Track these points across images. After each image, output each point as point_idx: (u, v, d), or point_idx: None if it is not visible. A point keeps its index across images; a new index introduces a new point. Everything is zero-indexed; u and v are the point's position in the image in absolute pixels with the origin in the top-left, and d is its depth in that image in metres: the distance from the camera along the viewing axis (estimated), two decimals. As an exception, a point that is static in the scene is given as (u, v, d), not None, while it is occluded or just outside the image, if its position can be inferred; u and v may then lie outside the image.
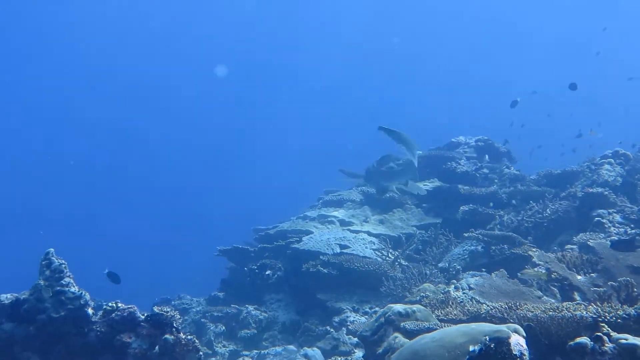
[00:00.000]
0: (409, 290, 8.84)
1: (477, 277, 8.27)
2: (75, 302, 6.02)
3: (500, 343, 4.51)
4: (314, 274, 10.12)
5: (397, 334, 6.37)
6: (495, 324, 5.00)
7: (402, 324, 6.38)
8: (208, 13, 56.05)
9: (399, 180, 10.49)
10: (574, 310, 5.34)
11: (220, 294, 11.43)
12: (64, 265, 6.16)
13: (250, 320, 10.10)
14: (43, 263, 6.17)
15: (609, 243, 7.96)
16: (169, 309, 6.39)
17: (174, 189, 47.55)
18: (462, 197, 11.83)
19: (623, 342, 4.46)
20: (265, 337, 9.87)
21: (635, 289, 6.23)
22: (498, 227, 10.66)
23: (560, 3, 51.93)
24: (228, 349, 9.74)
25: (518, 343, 4.59)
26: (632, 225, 8.89)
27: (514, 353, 4.49)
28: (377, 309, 8.76)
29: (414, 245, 10.88)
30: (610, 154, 11.61)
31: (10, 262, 25.53)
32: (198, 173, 49.94)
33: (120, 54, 54.65)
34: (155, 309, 6.29)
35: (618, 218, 9.28)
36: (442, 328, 5.63)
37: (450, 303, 7.40)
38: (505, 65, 54.18)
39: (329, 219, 12.39)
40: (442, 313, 7.00)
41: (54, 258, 6.19)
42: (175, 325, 6.18)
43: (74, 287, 6.13)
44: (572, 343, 4.76)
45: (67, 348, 5.96)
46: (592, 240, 8.16)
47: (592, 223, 9.31)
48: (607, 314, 5.20)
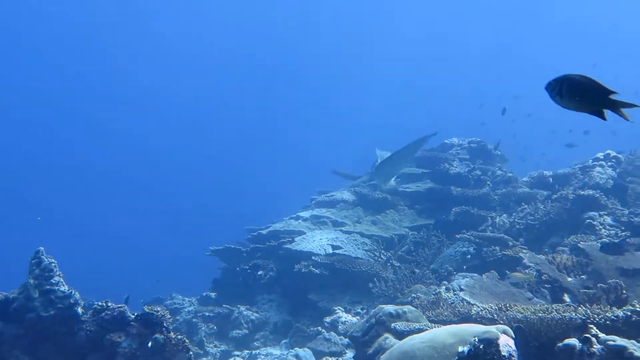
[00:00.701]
0: (401, 291, 8.86)
1: (467, 278, 8.28)
2: (65, 301, 6.03)
3: (489, 344, 4.52)
4: (306, 275, 10.13)
5: (387, 335, 6.39)
6: (486, 325, 5.02)
7: (392, 325, 6.39)
8: (204, 15, 55.96)
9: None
10: (564, 312, 5.36)
11: (212, 294, 11.42)
12: (54, 264, 6.15)
13: (242, 321, 10.10)
14: (33, 262, 6.17)
15: (598, 245, 7.99)
16: (159, 309, 6.39)
17: (166, 189, 47.47)
18: (454, 198, 11.85)
19: (611, 343, 4.47)
20: (257, 337, 9.87)
21: (625, 291, 6.26)
22: (490, 228, 10.67)
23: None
24: (219, 349, 9.73)
25: (507, 344, 4.60)
26: (622, 228, 8.90)
27: (503, 354, 4.51)
28: (369, 310, 8.77)
29: (406, 247, 10.89)
30: (602, 157, 11.64)
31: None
32: (190, 173, 49.89)
33: (119, 55, 54.54)
34: (146, 309, 6.29)
35: (609, 220, 9.31)
36: (432, 329, 5.64)
37: (441, 304, 7.42)
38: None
39: (322, 220, 12.39)
40: (433, 314, 7.03)
41: (44, 257, 6.19)
42: (166, 325, 6.19)
43: (64, 286, 6.13)
44: (560, 344, 4.78)
45: (56, 347, 5.96)
46: (582, 243, 8.18)
47: (583, 225, 9.33)
48: (596, 316, 5.22)
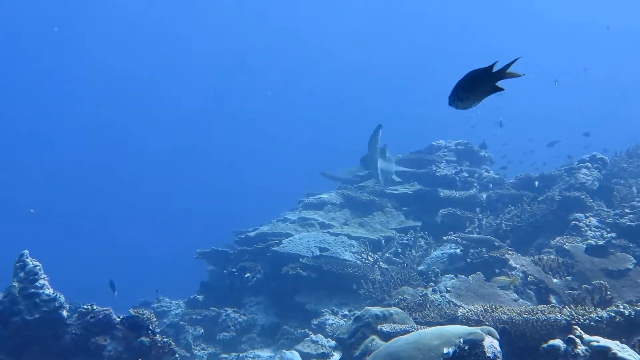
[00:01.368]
0: (388, 293, 8.87)
1: (454, 280, 8.31)
2: (50, 304, 6.00)
3: (474, 345, 4.54)
4: (294, 277, 10.13)
5: (374, 337, 6.39)
6: (471, 327, 5.03)
7: (379, 327, 6.40)
8: (192, 15, 55.83)
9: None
10: (549, 313, 5.38)
11: (200, 297, 11.40)
12: (39, 267, 6.12)
13: (229, 323, 10.08)
14: (17, 265, 6.14)
15: (584, 246, 8.03)
16: (145, 312, 6.36)
17: (154, 191, 47.28)
18: (441, 200, 11.88)
19: (595, 344, 4.49)
20: (244, 339, 9.85)
21: (609, 292, 6.29)
22: (477, 230, 10.72)
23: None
24: (207, 352, 9.71)
25: (492, 345, 4.62)
26: (608, 229, 8.95)
27: (488, 355, 4.52)
28: (356, 312, 8.77)
29: (394, 249, 10.90)
30: (588, 158, 11.71)
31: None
32: (178, 175, 49.72)
33: (110, 54, 54.27)
34: (131, 312, 6.26)
35: (594, 222, 9.36)
36: (418, 330, 5.65)
37: (428, 306, 7.43)
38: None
39: (309, 222, 12.39)
40: (419, 315, 7.04)
41: (29, 260, 6.15)
42: (151, 328, 6.17)
43: (49, 289, 6.09)
44: (545, 345, 4.79)
45: (41, 350, 5.93)
46: (568, 244, 8.22)
47: (569, 226, 9.37)
48: (580, 317, 5.25)
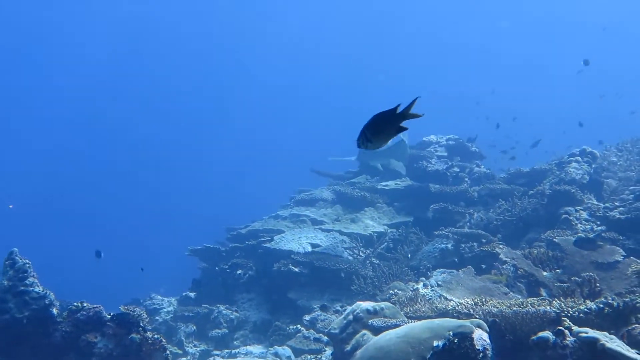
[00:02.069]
0: (380, 289, 8.89)
1: (445, 274, 8.33)
2: (40, 302, 5.98)
3: (464, 338, 4.56)
4: (285, 273, 10.14)
5: (365, 331, 6.40)
6: (461, 320, 5.05)
7: (370, 321, 6.41)
8: (192, 14, 55.63)
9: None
10: (538, 306, 5.41)
11: (192, 294, 11.38)
12: (28, 265, 6.11)
13: (222, 320, 10.07)
14: (7, 263, 6.12)
15: (574, 239, 8.07)
16: (136, 308, 6.36)
17: (146, 188, 47.13)
18: (433, 195, 11.89)
19: (583, 335, 4.53)
20: (237, 336, 9.85)
21: (598, 284, 6.33)
22: (468, 225, 10.74)
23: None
24: (199, 349, 9.70)
25: (481, 338, 4.65)
26: (598, 222, 8.98)
27: (477, 348, 4.55)
28: (347, 307, 8.79)
29: (385, 244, 10.93)
30: (578, 152, 11.75)
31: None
32: (170, 172, 49.55)
33: (105, 49, 53.95)
34: (122, 308, 6.26)
35: (585, 215, 9.39)
36: (408, 324, 5.67)
37: (419, 300, 7.45)
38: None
39: (301, 218, 12.40)
40: (410, 310, 7.05)
41: (18, 257, 6.14)
42: (142, 325, 6.17)
43: (38, 286, 6.08)
44: (534, 337, 4.83)
45: (31, 348, 5.91)
46: (558, 237, 8.25)
47: (559, 220, 9.40)
48: (569, 309, 5.27)
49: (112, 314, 6.23)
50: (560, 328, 4.74)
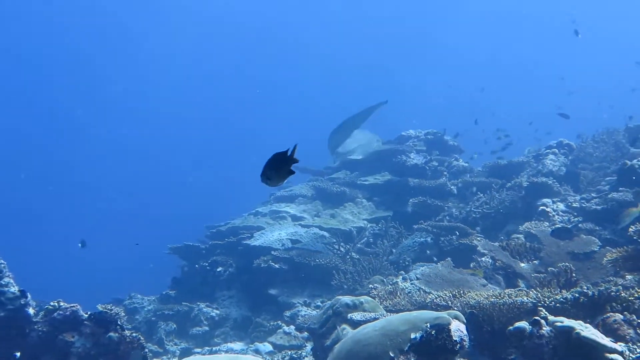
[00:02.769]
0: (360, 283, 8.92)
1: (424, 267, 8.36)
2: (16, 302, 5.92)
3: (441, 330, 4.58)
4: (266, 270, 10.14)
5: (345, 326, 6.41)
6: (439, 312, 5.07)
7: (349, 316, 6.42)
8: (171, 15, 55.28)
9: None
10: (515, 297, 5.44)
11: (172, 292, 11.33)
12: (3, 265, 6.04)
13: (202, 318, 10.05)
14: (-19, 263, 6.05)
15: (551, 231, 8.13)
16: (113, 307, 6.31)
17: (124, 187, 46.76)
18: (412, 189, 11.94)
19: (559, 324, 4.56)
20: (217, 333, 9.83)
21: (574, 274, 6.38)
22: (447, 218, 10.79)
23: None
24: (179, 347, 9.66)
25: (458, 329, 4.67)
26: (575, 213, 9.07)
27: (454, 339, 4.57)
28: (327, 302, 8.81)
29: (365, 239, 10.97)
30: (555, 144, 11.85)
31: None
32: (148, 169, 49.20)
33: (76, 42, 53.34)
34: (99, 307, 6.22)
35: (562, 207, 9.48)
36: (386, 317, 5.68)
37: (398, 294, 7.47)
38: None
39: (281, 215, 12.40)
40: (390, 304, 7.07)
41: (-7, 258, 6.07)
42: (120, 323, 6.13)
43: (14, 287, 6.02)
44: (511, 328, 4.85)
45: (8, 349, 5.84)
46: (535, 229, 8.32)
47: (537, 212, 9.48)
48: (546, 299, 5.31)
49: (89, 313, 6.18)
50: (537, 318, 4.77)
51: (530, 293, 5.60)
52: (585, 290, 5.14)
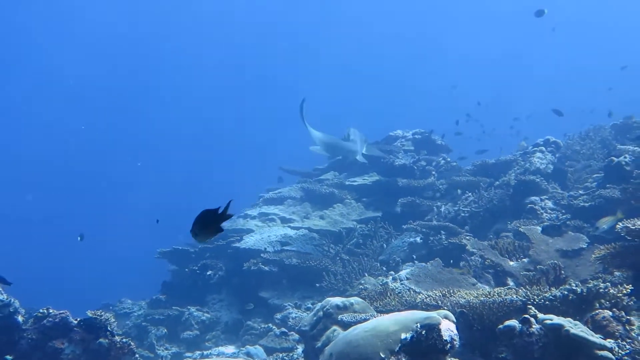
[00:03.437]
0: (350, 284, 8.92)
1: (414, 267, 8.38)
2: (4, 309, 5.90)
3: (431, 329, 4.58)
4: (256, 272, 10.14)
5: (335, 327, 6.41)
6: (429, 312, 5.07)
7: (340, 317, 6.42)
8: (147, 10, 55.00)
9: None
10: (505, 295, 5.47)
11: (162, 297, 11.30)
12: (-10, 273, 6.01)
13: (193, 322, 10.03)
14: (-32, 272, 6.01)
15: (539, 229, 8.17)
16: (103, 313, 6.29)
17: (111, 192, 46.49)
18: (400, 189, 11.95)
19: (548, 322, 4.58)
20: (208, 337, 9.82)
21: (563, 272, 6.41)
22: (436, 217, 10.81)
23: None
24: (170, 352, 9.64)
25: (448, 329, 4.67)
26: (563, 211, 9.11)
27: (445, 339, 4.57)
28: (317, 304, 8.80)
29: (355, 240, 10.96)
30: (542, 142, 11.89)
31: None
32: (134, 174, 48.89)
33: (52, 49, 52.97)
34: (89, 313, 6.19)
35: (550, 204, 9.51)
36: (376, 318, 5.68)
37: (389, 294, 7.47)
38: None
39: (270, 217, 12.38)
40: (380, 304, 7.08)
41: (-20, 266, 6.03)
42: (110, 329, 6.11)
43: (2, 294, 5.98)
44: (501, 326, 4.87)
45: (-3, 357, 5.82)
46: (523, 227, 8.34)
47: (525, 210, 9.50)
48: (535, 297, 5.33)
49: (79, 320, 6.16)
50: (526, 316, 4.79)
51: (520, 291, 5.62)
52: (574, 288, 5.16)
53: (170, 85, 57.64)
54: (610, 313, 4.87)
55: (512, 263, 7.42)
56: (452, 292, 6.15)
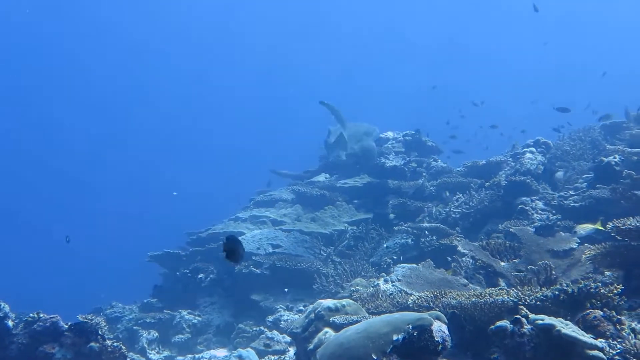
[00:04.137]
0: (341, 286, 8.91)
1: (405, 268, 8.37)
2: (-7, 315, 5.85)
3: (423, 331, 4.58)
4: (247, 275, 10.13)
5: (327, 329, 6.40)
6: (421, 313, 5.07)
7: (331, 319, 6.41)
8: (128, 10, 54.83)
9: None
10: (496, 296, 5.46)
11: (154, 300, 11.27)
12: (-21, 278, 5.97)
13: (184, 325, 10.00)
14: (-43, 276, 5.97)
15: (530, 229, 8.18)
16: (94, 317, 6.26)
17: (102, 196, 46.32)
18: (391, 191, 11.96)
19: (539, 322, 4.58)
20: (200, 341, 9.79)
21: (554, 272, 6.42)
22: (427, 219, 10.82)
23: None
24: (162, 355, 9.60)
25: (440, 330, 4.67)
26: (553, 211, 9.13)
27: (436, 340, 4.57)
28: (309, 306, 8.80)
29: (346, 242, 10.97)
30: (532, 143, 11.91)
31: None
32: (125, 177, 48.78)
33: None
34: (80, 317, 6.16)
35: (540, 205, 9.53)
36: (367, 319, 5.68)
37: (380, 296, 7.48)
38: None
39: (261, 219, 12.37)
40: (372, 306, 7.07)
41: (-31, 271, 5.99)
42: (101, 333, 6.08)
43: (-9, 300, 5.94)
44: (492, 327, 4.87)
45: (-14, 363, 5.78)
46: (514, 227, 8.35)
47: (516, 211, 9.52)
48: (526, 297, 5.34)
49: (69, 324, 6.13)
50: (518, 316, 4.79)
51: (511, 292, 5.62)
52: (565, 288, 5.17)
53: (158, 88, 57.57)
54: (601, 313, 4.88)
55: (503, 264, 7.42)
56: (443, 293, 6.14)
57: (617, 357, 4.37)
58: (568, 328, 4.44)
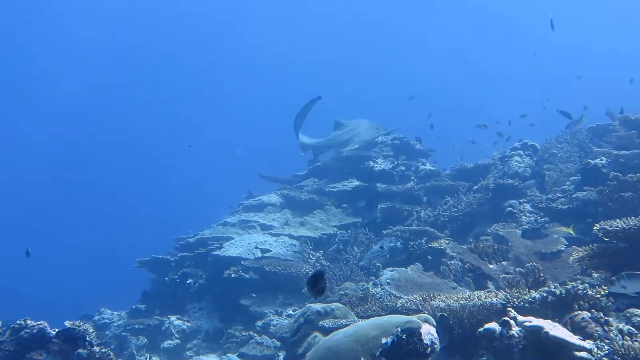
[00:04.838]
0: (331, 290, 8.89)
1: (394, 272, 8.38)
2: (-21, 322, 5.80)
3: (412, 334, 4.59)
4: (236, 280, 10.07)
5: (316, 333, 6.40)
6: (409, 316, 5.08)
7: (320, 323, 6.42)
8: (111, 11, 54.70)
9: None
10: (485, 298, 5.49)
11: (142, 306, 11.19)
12: (-35, 285, 5.92)
13: (173, 331, 9.94)
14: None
15: (519, 232, 8.22)
16: (82, 323, 6.21)
17: (91, 203, 45.97)
18: (380, 195, 11.97)
19: (528, 324, 4.60)
20: (189, 346, 9.73)
21: (542, 274, 6.44)
22: (416, 222, 10.83)
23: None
24: (151, 361, 9.55)
25: (429, 332, 4.68)
26: (541, 214, 9.17)
27: (425, 342, 4.58)
28: (298, 310, 8.78)
29: (335, 246, 10.96)
30: (520, 146, 11.96)
31: None
32: (114, 183, 48.44)
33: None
34: (67, 324, 6.11)
35: (528, 207, 9.57)
36: (356, 323, 5.68)
37: (369, 299, 7.49)
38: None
39: (250, 224, 12.33)
40: (361, 309, 7.08)
41: (-46, 278, 5.94)
42: (89, 339, 6.04)
43: (-22, 307, 5.89)
44: (481, 329, 4.88)
45: (-28, 371, 5.73)
46: (502, 230, 8.39)
47: (504, 213, 9.56)
48: (515, 299, 5.37)
49: (57, 330, 6.08)
50: (506, 319, 4.81)
51: (500, 294, 5.65)
52: (553, 290, 5.20)
53: (151, 91, 57.42)
54: (589, 314, 4.90)
55: (491, 266, 7.45)
56: (432, 296, 6.16)
57: (605, 358, 4.39)
58: (556, 330, 4.46)
